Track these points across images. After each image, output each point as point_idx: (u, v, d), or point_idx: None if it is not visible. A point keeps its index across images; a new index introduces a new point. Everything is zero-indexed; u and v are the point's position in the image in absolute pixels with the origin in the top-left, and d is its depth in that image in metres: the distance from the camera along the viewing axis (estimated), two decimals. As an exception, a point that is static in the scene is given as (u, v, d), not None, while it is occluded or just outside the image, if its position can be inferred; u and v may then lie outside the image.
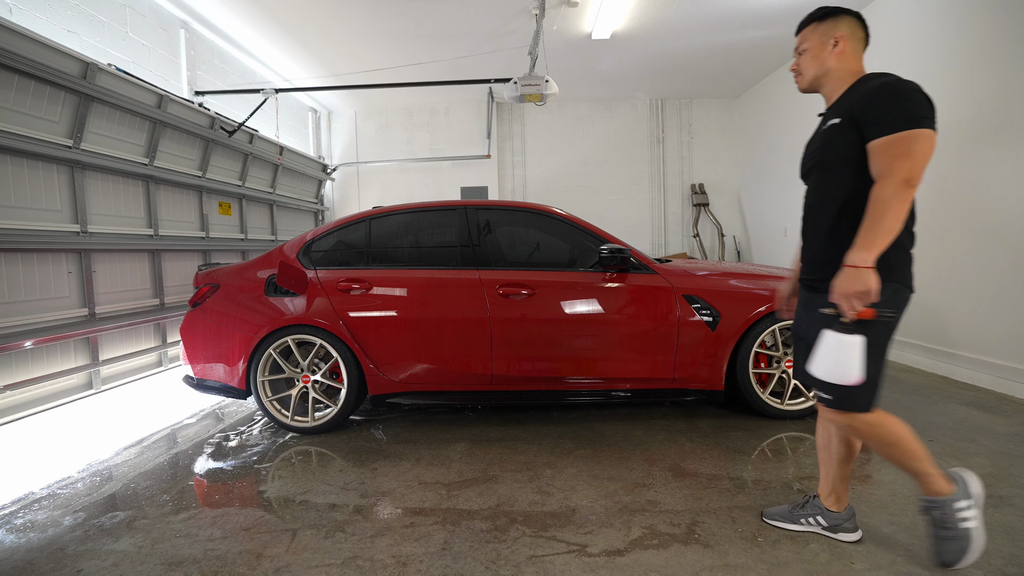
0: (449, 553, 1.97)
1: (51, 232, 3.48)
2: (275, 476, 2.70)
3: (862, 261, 1.54)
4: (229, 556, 1.99)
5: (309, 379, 3.22)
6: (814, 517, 2.00)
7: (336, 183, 8.57)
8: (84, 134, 3.70)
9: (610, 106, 8.63)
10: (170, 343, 4.58)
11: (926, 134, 1.56)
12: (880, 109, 1.63)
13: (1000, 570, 1.78)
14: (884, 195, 1.55)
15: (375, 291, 3.21)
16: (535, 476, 2.61)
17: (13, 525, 2.27)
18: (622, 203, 8.69)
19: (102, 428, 3.50)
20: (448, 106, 8.46)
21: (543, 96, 5.13)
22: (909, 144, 1.56)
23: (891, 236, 1.55)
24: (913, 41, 4.66)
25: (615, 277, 3.18)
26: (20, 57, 3.14)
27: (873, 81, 1.72)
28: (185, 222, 4.90)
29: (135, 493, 2.55)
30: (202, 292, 3.37)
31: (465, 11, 5.30)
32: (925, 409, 3.45)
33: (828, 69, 1.83)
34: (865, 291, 1.52)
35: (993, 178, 3.87)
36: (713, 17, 5.52)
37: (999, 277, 3.82)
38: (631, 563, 1.88)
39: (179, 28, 5.15)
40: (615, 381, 3.19)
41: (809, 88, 1.92)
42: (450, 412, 3.64)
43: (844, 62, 1.80)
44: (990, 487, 2.35)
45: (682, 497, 2.35)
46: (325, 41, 5.98)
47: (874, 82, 1.71)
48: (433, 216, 3.48)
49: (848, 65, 1.80)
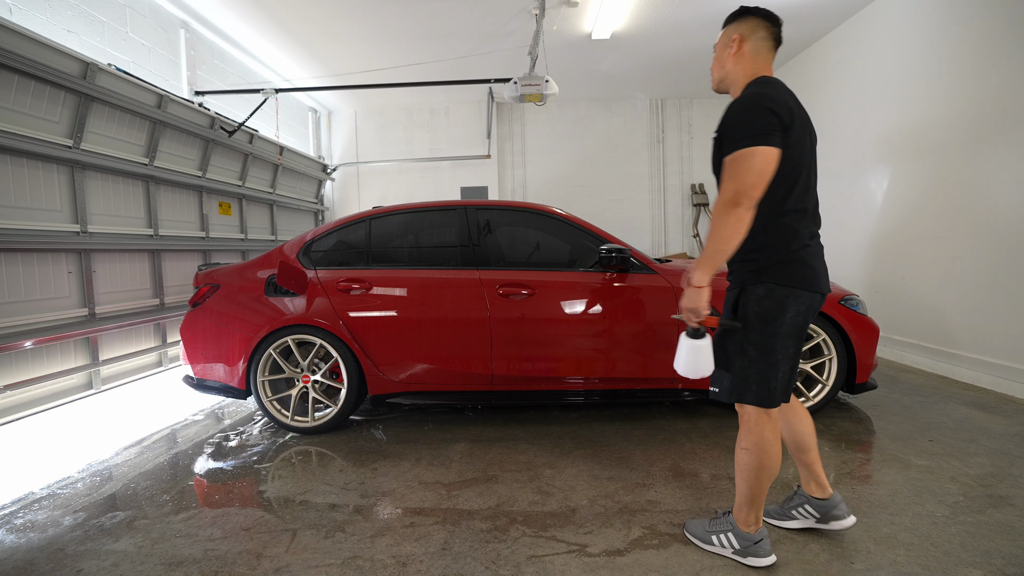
0: (449, 553, 1.97)
1: (51, 232, 3.48)
2: (275, 476, 2.70)
3: (697, 281, 1.67)
4: (229, 556, 1.99)
5: (309, 379, 3.22)
6: (803, 507, 2.00)
7: (336, 183, 8.57)
8: (84, 134, 3.70)
9: (610, 106, 8.63)
10: (170, 343, 4.58)
11: (759, 151, 1.59)
12: (728, 126, 1.68)
13: (1000, 570, 1.78)
14: (713, 216, 1.67)
15: (375, 291, 3.21)
16: (535, 476, 2.61)
17: (13, 525, 2.27)
18: (622, 203, 8.69)
19: (102, 428, 3.50)
20: (448, 106, 8.46)
21: (543, 96, 5.13)
22: (740, 163, 1.61)
23: (720, 256, 1.64)
24: (913, 41, 4.66)
25: (615, 277, 3.18)
26: (20, 57, 3.14)
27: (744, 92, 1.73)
28: (185, 222, 4.90)
29: (135, 493, 2.55)
30: (202, 292, 3.37)
31: (465, 11, 5.30)
32: (925, 409, 3.45)
33: (727, 72, 1.84)
34: (694, 308, 1.67)
35: (993, 178, 3.87)
36: (713, 17, 5.52)
37: (999, 277, 3.82)
38: (631, 563, 1.88)
39: (179, 28, 5.15)
40: (615, 381, 3.19)
41: (718, 90, 1.94)
42: (450, 412, 3.64)
43: (740, 64, 1.80)
44: (990, 487, 2.36)
45: (682, 497, 2.35)
46: (325, 41, 5.98)
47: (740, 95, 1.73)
48: (433, 216, 3.48)
49: (744, 67, 1.80)
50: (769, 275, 1.71)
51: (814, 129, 1.82)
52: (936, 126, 4.40)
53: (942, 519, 2.11)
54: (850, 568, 1.81)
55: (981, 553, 1.87)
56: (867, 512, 2.17)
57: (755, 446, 1.76)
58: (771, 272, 1.71)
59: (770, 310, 1.71)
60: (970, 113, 4.06)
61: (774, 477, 1.79)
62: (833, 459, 2.71)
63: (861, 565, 1.83)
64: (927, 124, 4.50)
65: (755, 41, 1.78)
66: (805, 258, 1.72)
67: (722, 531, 1.90)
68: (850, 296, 3.20)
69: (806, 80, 6.47)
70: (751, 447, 1.77)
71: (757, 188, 1.60)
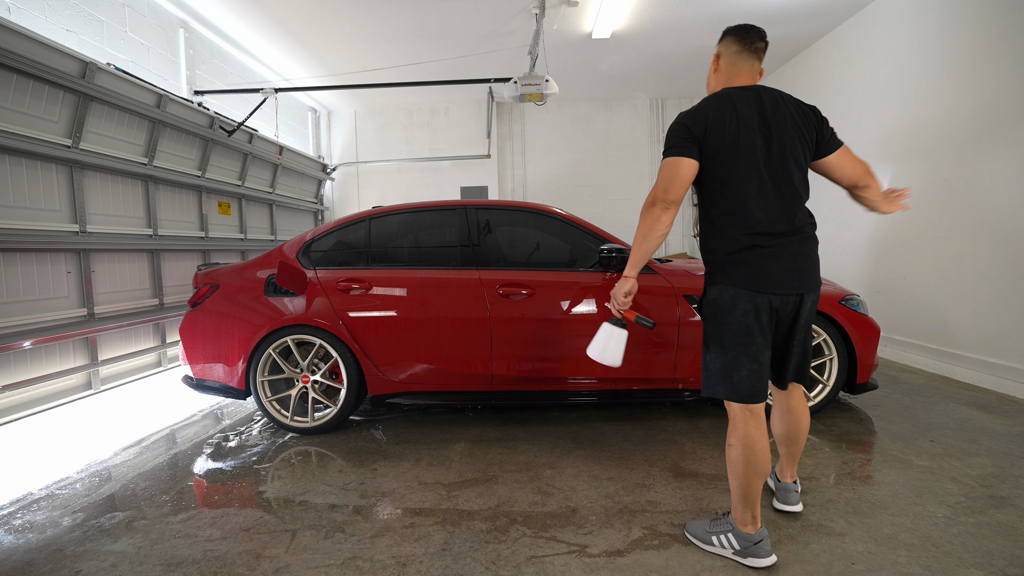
0: (449, 554, 1.96)
1: (50, 232, 3.47)
2: (275, 476, 2.70)
3: (625, 272, 1.96)
4: (228, 557, 1.98)
5: (309, 379, 3.22)
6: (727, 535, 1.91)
7: (336, 183, 8.56)
8: (83, 134, 3.69)
9: (610, 106, 8.63)
10: (169, 343, 4.57)
11: (668, 161, 1.84)
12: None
13: (1002, 571, 1.77)
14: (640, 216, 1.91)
15: (375, 291, 3.20)
16: (535, 476, 2.60)
17: (12, 526, 2.27)
18: (622, 203, 8.68)
19: (101, 428, 3.49)
20: (448, 106, 8.46)
21: (543, 96, 5.12)
22: (659, 171, 1.88)
23: (640, 250, 1.90)
24: (913, 41, 4.65)
25: (615, 277, 3.17)
26: (19, 56, 3.13)
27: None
28: (184, 222, 4.89)
29: (134, 494, 2.54)
30: (201, 292, 3.36)
31: (465, 11, 5.29)
32: (926, 409, 3.44)
33: (710, 87, 2.03)
34: (615, 294, 1.98)
35: (993, 178, 3.86)
36: (713, 17, 5.52)
37: (1000, 277, 3.82)
38: (631, 563, 1.87)
39: (178, 27, 5.14)
40: (615, 381, 3.18)
41: None
42: (450, 412, 3.63)
43: (717, 79, 1.98)
44: (991, 487, 2.35)
45: (682, 497, 2.35)
46: (325, 41, 5.97)
47: None
48: (433, 216, 3.47)
49: (718, 82, 1.98)
50: (715, 276, 1.88)
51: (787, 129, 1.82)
52: (936, 126, 4.39)
53: (943, 520, 2.10)
54: (851, 569, 1.81)
55: (982, 554, 1.87)
56: (868, 513, 2.16)
57: (740, 442, 1.82)
58: (716, 274, 1.88)
59: (719, 309, 1.85)
60: (970, 113, 4.05)
61: (764, 475, 1.82)
62: (834, 459, 2.71)
63: (862, 566, 1.82)
64: (927, 124, 4.49)
65: (728, 56, 1.94)
66: (748, 259, 1.81)
67: (722, 532, 1.90)
68: (851, 296, 3.20)
69: (806, 80, 6.47)
70: (736, 443, 1.84)
71: (668, 192, 1.82)
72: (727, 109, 1.81)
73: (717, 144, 1.80)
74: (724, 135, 1.79)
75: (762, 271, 1.79)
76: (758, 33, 1.93)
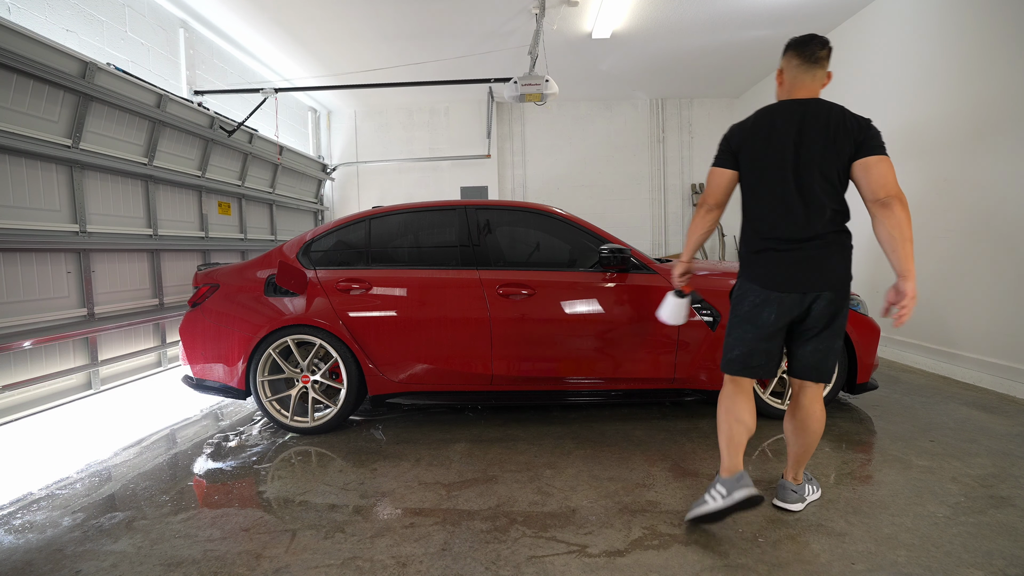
0: (449, 554, 1.96)
1: (50, 232, 3.47)
2: (275, 476, 2.69)
3: (682, 258, 2.31)
4: (228, 557, 1.98)
5: (309, 379, 3.22)
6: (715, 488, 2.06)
7: (336, 183, 8.56)
8: (83, 134, 3.69)
9: (610, 106, 8.63)
10: (169, 343, 4.57)
11: (711, 170, 2.15)
12: None
13: (1002, 571, 1.77)
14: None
15: (375, 291, 3.20)
16: (535, 476, 2.60)
17: (12, 526, 2.27)
18: (622, 203, 8.69)
19: (101, 428, 3.49)
20: (448, 106, 8.46)
21: (543, 96, 5.12)
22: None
23: (689, 243, 2.24)
24: (913, 41, 4.65)
25: (615, 277, 3.17)
26: (19, 56, 3.13)
27: None
28: (184, 222, 4.89)
29: (134, 494, 2.54)
30: (201, 292, 3.36)
31: (465, 10, 5.29)
32: (926, 409, 3.44)
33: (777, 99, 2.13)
34: (673, 275, 2.36)
35: (993, 178, 3.86)
36: (713, 17, 5.52)
37: (999, 277, 3.82)
38: (631, 563, 1.87)
39: (178, 27, 5.14)
40: (615, 381, 3.18)
41: None
42: (450, 412, 3.63)
43: (780, 93, 2.10)
44: (991, 487, 2.35)
45: (683, 497, 2.35)
46: (325, 41, 5.97)
47: None
48: (433, 216, 3.47)
49: (781, 95, 2.09)
50: (741, 271, 2.13)
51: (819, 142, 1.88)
52: (936, 126, 4.39)
53: (943, 520, 2.10)
54: (851, 569, 1.81)
55: (982, 554, 1.87)
56: (868, 513, 2.17)
57: (722, 403, 2.12)
58: (741, 269, 2.13)
59: (735, 298, 2.12)
60: (970, 113, 4.05)
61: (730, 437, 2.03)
62: (834, 459, 2.71)
63: (862, 566, 1.82)
64: (927, 124, 4.49)
65: (789, 70, 2.03)
66: (763, 260, 2.02)
67: (711, 487, 2.05)
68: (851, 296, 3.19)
69: (806, 80, 6.46)
70: (720, 403, 2.13)
71: (707, 196, 2.14)
72: (765, 123, 1.98)
73: (749, 156, 2.01)
74: (755, 148, 1.99)
75: (772, 271, 1.99)
76: (819, 42, 1.97)
